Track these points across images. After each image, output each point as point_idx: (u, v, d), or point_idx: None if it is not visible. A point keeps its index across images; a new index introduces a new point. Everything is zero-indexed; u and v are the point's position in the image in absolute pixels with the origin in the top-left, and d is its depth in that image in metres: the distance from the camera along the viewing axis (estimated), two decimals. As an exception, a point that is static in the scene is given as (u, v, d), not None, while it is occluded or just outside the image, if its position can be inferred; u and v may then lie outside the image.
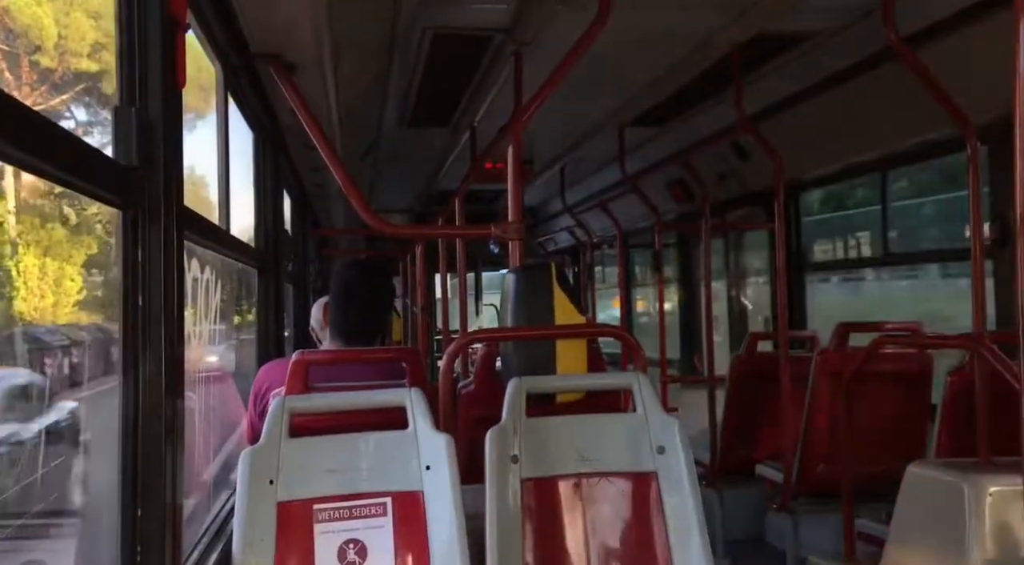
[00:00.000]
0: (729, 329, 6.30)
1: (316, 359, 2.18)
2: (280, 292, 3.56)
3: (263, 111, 3.20)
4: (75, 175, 1.15)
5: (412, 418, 1.92)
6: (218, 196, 2.68)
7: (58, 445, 1.54)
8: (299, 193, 5.26)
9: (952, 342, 2.82)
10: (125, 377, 1.37)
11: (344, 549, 1.84)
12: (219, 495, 2.50)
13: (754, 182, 5.00)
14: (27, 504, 1.48)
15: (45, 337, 1.79)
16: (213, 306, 2.50)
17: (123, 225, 1.37)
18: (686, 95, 4.38)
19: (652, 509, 1.99)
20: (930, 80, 2.69)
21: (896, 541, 2.51)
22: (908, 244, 4.49)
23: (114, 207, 1.34)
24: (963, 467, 2.38)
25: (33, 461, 1.46)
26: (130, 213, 1.36)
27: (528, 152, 5.97)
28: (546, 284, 2.25)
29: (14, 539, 1.40)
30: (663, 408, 2.05)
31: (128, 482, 1.34)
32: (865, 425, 2.99)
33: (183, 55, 1.44)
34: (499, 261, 10.69)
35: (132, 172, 1.35)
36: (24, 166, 1.06)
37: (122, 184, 1.32)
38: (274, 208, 3.52)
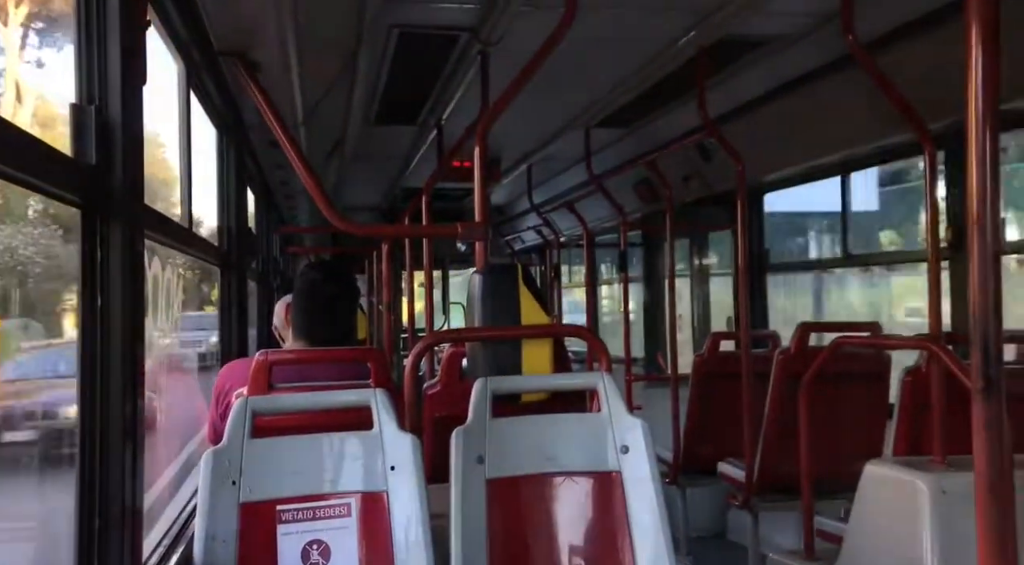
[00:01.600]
0: (693, 328, 6.37)
1: (279, 359, 2.16)
2: (243, 291, 3.53)
3: (227, 109, 3.17)
4: (33, 174, 1.14)
5: (377, 418, 1.92)
6: (181, 194, 2.65)
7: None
8: (263, 191, 5.21)
9: (908, 343, 2.88)
10: (83, 377, 1.35)
11: (308, 550, 1.83)
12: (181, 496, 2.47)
13: (718, 183, 5.06)
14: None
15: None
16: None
17: (81, 224, 1.35)
18: (651, 97, 4.41)
19: (616, 508, 2.00)
20: (888, 85, 2.74)
21: (854, 538, 2.55)
22: (868, 246, 4.57)
23: (73, 206, 1.32)
24: (919, 465, 2.43)
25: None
26: (89, 212, 1.34)
27: (495, 151, 5.97)
28: (512, 284, 2.26)
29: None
30: (628, 407, 2.07)
31: (86, 484, 1.32)
32: (824, 423, 3.04)
33: (144, 52, 1.43)
34: (466, 259, 10.69)
35: (91, 170, 1.33)
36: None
37: (81, 183, 1.30)
38: (237, 206, 3.49)
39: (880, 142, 3.70)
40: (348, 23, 2.90)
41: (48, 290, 2.54)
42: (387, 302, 5.78)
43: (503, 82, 2.80)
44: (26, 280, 2.49)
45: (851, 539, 2.56)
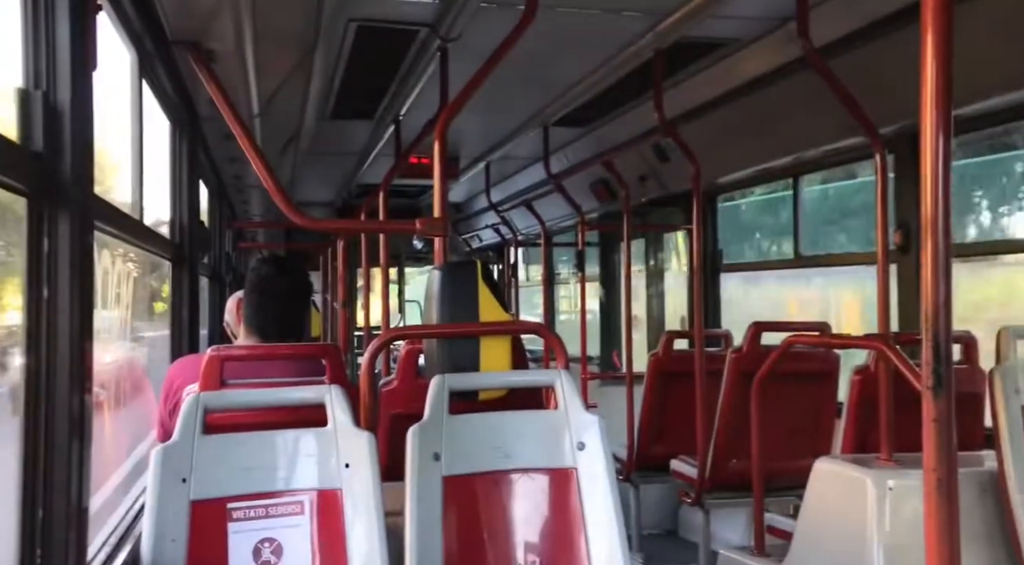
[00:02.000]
0: (648, 327, 6.43)
1: (231, 355, 2.13)
2: (194, 285, 3.46)
3: (180, 99, 3.11)
4: (-24, 160, 1.10)
5: (332, 415, 1.90)
6: (132, 185, 2.59)
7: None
8: (216, 185, 5.12)
9: (857, 342, 2.94)
10: (28, 371, 1.31)
11: (259, 548, 1.80)
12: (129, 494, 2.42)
13: (673, 184, 5.11)
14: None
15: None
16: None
17: (27, 214, 1.31)
18: (609, 97, 4.44)
19: (571, 504, 2.01)
20: (841, 90, 2.79)
21: (803, 534, 2.60)
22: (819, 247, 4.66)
23: (18, 194, 1.28)
24: (866, 462, 2.49)
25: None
26: (36, 201, 1.30)
27: (453, 148, 5.95)
28: (471, 281, 2.25)
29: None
30: (584, 405, 2.08)
31: (30, 480, 1.28)
32: (775, 421, 3.09)
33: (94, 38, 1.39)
34: (423, 257, 10.64)
35: (37, 158, 1.29)
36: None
37: (27, 170, 1.26)
38: (190, 199, 3.42)
39: (832, 145, 3.77)
40: (306, 15, 2.87)
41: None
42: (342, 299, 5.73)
43: (462, 79, 2.79)
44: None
45: (800, 535, 2.60)
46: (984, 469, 2.40)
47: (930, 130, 1.15)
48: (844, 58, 3.18)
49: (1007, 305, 4.00)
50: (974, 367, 2.92)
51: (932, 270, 1.15)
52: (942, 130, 1.16)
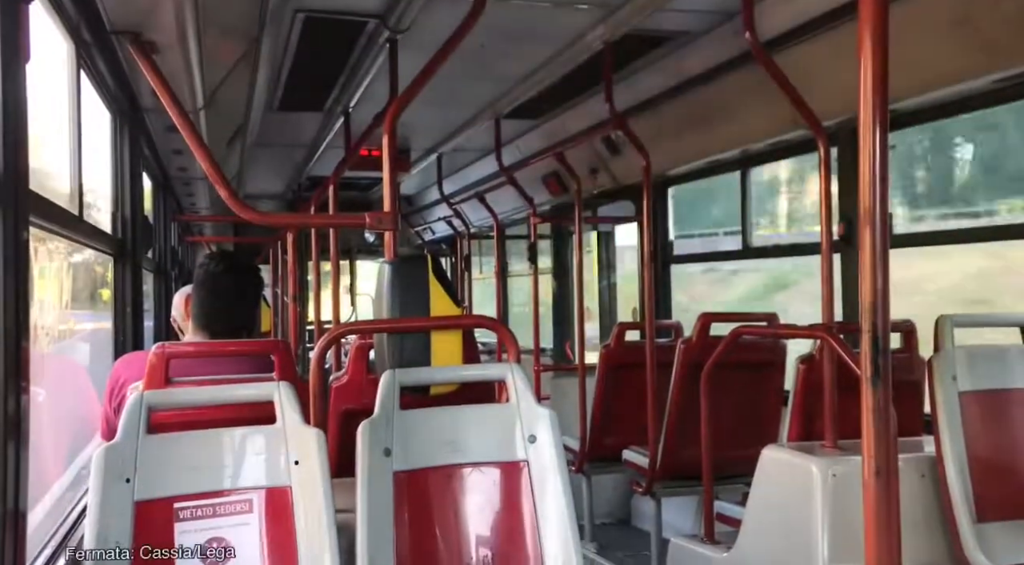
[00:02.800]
0: (600, 319, 6.48)
1: (177, 351, 2.08)
2: (138, 281, 3.39)
3: (121, 91, 3.03)
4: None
5: (281, 412, 1.87)
6: (70, 180, 2.52)
7: None
8: (161, 178, 5.01)
9: (802, 332, 3.00)
10: (-39, 372, 1.27)
11: (207, 548, 1.78)
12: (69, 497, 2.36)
13: (625, 176, 5.15)
14: None
15: None
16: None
17: (-43, 209, 1.27)
18: (561, 89, 4.45)
19: (523, 497, 2.02)
20: (785, 83, 2.84)
21: (751, 521, 2.65)
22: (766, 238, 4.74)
23: (-54, 189, 1.24)
24: (811, 450, 2.54)
25: None
26: (-34, 197, 1.26)
27: (404, 141, 5.91)
28: (422, 275, 2.24)
29: None
30: (536, 398, 2.09)
31: (-36, 486, 1.25)
32: (724, 411, 3.14)
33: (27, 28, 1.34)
34: (375, 250, 10.56)
35: (-32, 153, 1.25)
36: None
37: (-43, 166, 1.22)
38: (132, 192, 3.34)
39: (779, 138, 3.84)
40: (251, 6, 2.82)
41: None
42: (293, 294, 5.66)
43: (412, 70, 2.77)
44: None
45: (749, 522, 2.65)
46: (923, 455, 2.47)
47: (867, 123, 1.18)
48: (789, 52, 3.23)
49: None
50: (913, 354, 3.00)
51: (869, 260, 1.17)
52: (879, 124, 1.18)
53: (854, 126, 1.24)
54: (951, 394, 2.38)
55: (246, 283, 2.47)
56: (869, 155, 1.19)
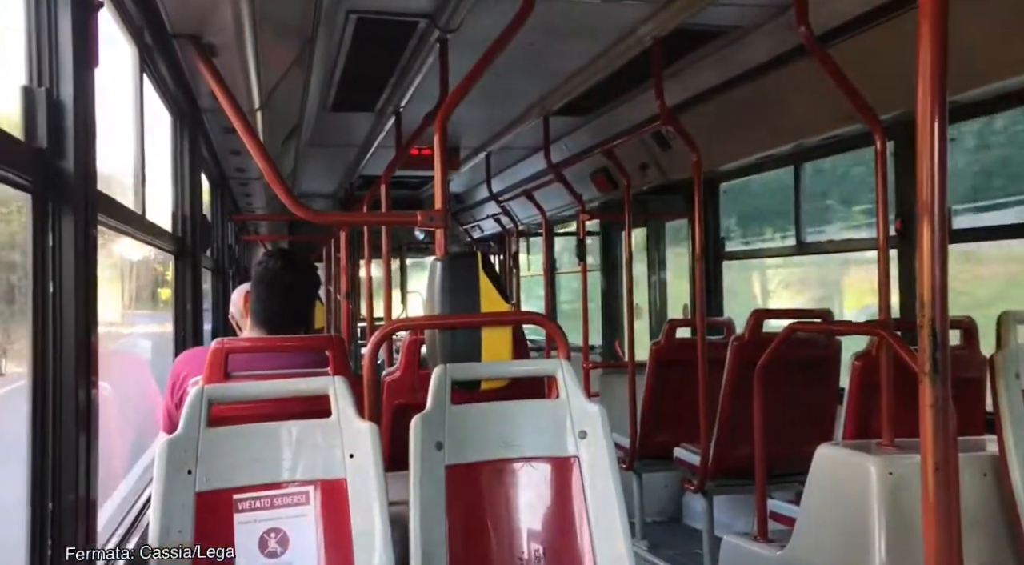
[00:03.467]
0: (650, 316, 6.44)
1: (236, 347, 2.14)
2: (197, 278, 3.48)
3: (181, 93, 3.11)
4: (-20, 157, 1.11)
5: (335, 406, 1.91)
6: (134, 180, 2.60)
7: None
8: (219, 178, 5.13)
9: (859, 329, 2.95)
10: (35, 365, 1.32)
11: (265, 538, 1.82)
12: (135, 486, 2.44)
13: (675, 172, 5.11)
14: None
15: None
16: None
17: (32, 210, 1.32)
18: (610, 86, 4.44)
19: (574, 493, 2.02)
20: (840, 77, 2.79)
21: (805, 519, 2.62)
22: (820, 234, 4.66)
23: (23, 190, 1.29)
24: (868, 447, 2.50)
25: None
26: (40, 196, 1.32)
27: (454, 139, 5.95)
28: (472, 272, 2.26)
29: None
30: (585, 394, 2.09)
31: (38, 474, 1.30)
32: (777, 408, 3.10)
33: (96, 34, 1.40)
34: (424, 248, 10.65)
35: (41, 155, 1.30)
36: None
37: (31, 167, 1.27)
38: (192, 192, 3.43)
39: (833, 132, 3.77)
40: (305, 8, 2.87)
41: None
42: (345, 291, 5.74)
43: (462, 69, 2.79)
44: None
45: (803, 521, 2.62)
46: (985, 454, 2.41)
47: (926, 117, 1.16)
48: (844, 45, 3.18)
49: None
50: (974, 352, 2.93)
51: (928, 255, 1.16)
52: (938, 117, 1.17)
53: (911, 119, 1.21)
54: (1015, 391, 2.32)
55: (303, 281, 2.52)
56: (927, 148, 1.18)
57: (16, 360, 1.48)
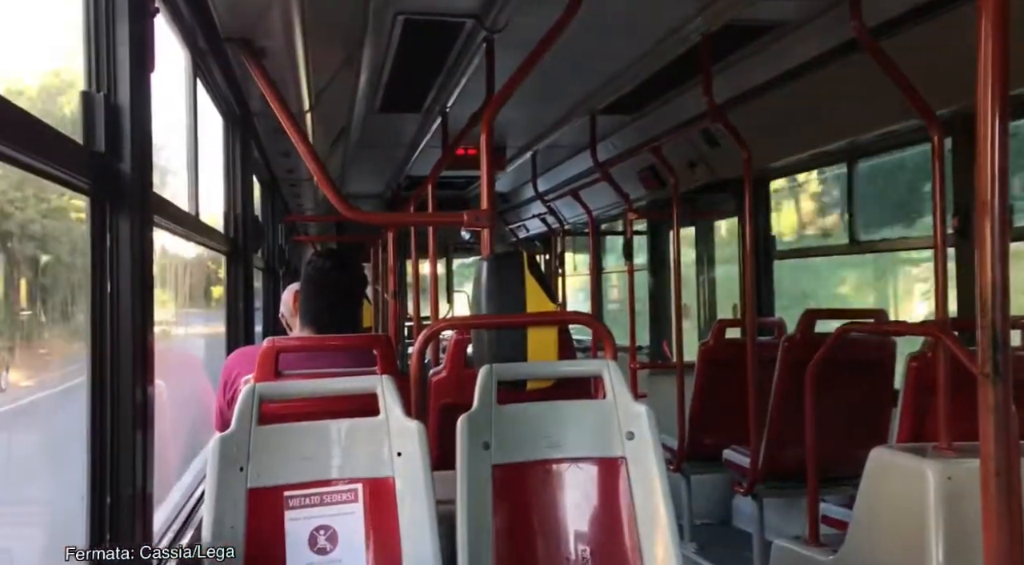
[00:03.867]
0: (698, 316, 6.37)
1: (286, 346, 2.17)
2: (249, 278, 3.54)
3: (233, 96, 3.17)
4: (43, 160, 1.14)
5: (383, 405, 1.93)
6: (187, 182, 2.65)
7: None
8: (269, 179, 5.21)
9: (914, 329, 2.88)
10: (93, 364, 1.35)
11: (315, 535, 1.84)
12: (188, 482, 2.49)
13: (724, 169, 5.05)
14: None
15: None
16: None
17: (90, 211, 1.36)
18: (657, 83, 4.40)
19: (621, 494, 2.01)
20: (895, 71, 2.72)
21: (859, 524, 2.56)
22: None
23: (82, 193, 1.33)
24: (924, 451, 2.44)
25: None
26: (98, 199, 1.35)
27: (500, 139, 5.96)
28: (518, 272, 2.26)
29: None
30: (632, 394, 2.08)
31: (97, 469, 1.33)
32: (830, 410, 3.04)
33: (152, 40, 1.43)
34: (470, 247, 10.69)
35: (100, 158, 1.33)
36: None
37: (89, 170, 1.30)
38: (243, 194, 3.50)
39: (887, 128, 3.69)
40: (353, 9, 2.90)
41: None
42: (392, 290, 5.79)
43: (508, 69, 2.79)
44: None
45: (856, 525, 2.57)
46: None
47: (986, 111, 1.13)
48: (898, 39, 3.10)
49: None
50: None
51: (987, 253, 1.12)
52: (998, 112, 1.13)
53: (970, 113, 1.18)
54: None
55: (351, 281, 2.55)
56: (987, 144, 1.14)
57: (26, 369, 1.53)
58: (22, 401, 1.55)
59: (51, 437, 1.72)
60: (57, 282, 1.70)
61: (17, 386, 1.62)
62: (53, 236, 1.67)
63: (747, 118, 4.17)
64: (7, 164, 1.10)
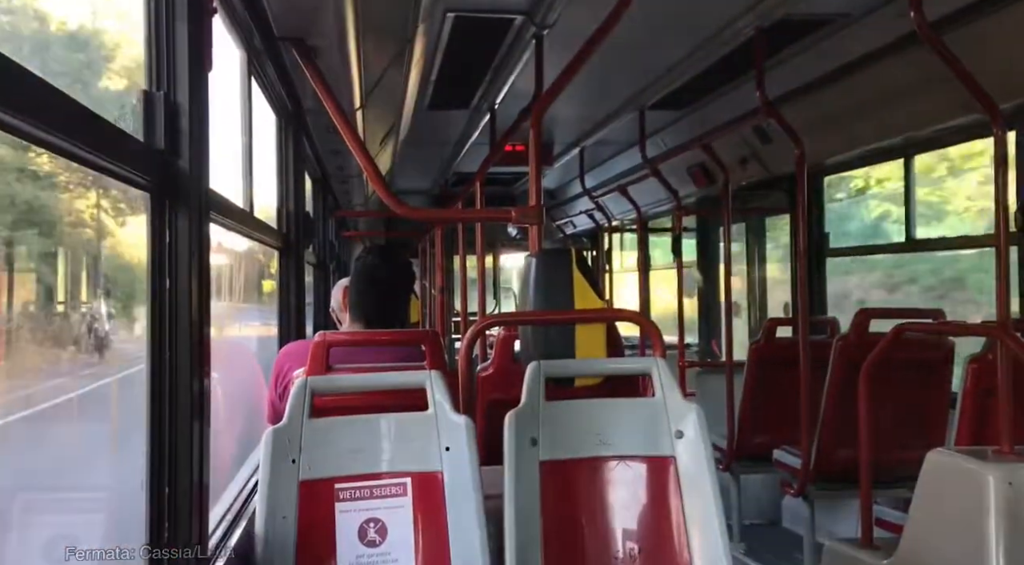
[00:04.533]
0: (748, 314, 6.29)
1: (337, 340, 2.20)
2: (301, 273, 3.59)
3: (286, 94, 3.22)
4: (105, 157, 1.17)
5: (432, 399, 1.94)
6: (242, 179, 2.70)
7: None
8: (320, 176, 5.28)
9: (974, 329, 2.80)
10: (152, 357, 1.39)
11: (365, 528, 1.87)
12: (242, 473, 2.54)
13: (776, 166, 4.97)
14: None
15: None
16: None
17: (150, 207, 1.39)
18: (708, 78, 4.35)
19: (670, 493, 2.00)
20: (957, 65, 2.65)
21: (915, 527, 2.51)
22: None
23: (142, 189, 1.36)
24: (984, 455, 2.37)
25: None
26: (158, 195, 1.38)
27: (548, 135, 5.95)
28: (566, 268, 2.26)
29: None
30: (681, 393, 2.06)
31: (155, 460, 1.37)
32: (884, 411, 2.98)
33: (210, 40, 1.46)
34: (518, 243, 10.70)
35: (160, 155, 1.37)
36: (55, 149, 1.07)
37: (150, 167, 1.34)
38: (296, 190, 3.55)
39: (946, 124, 3.59)
40: (404, 9, 2.92)
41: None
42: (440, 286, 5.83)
43: (557, 65, 2.79)
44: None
45: (912, 529, 2.51)
46: None
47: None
48: (958, 32, 3.02)
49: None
50: (1106, 356, 2.74)
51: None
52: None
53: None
54: None
55: (400, 276, 2.57)
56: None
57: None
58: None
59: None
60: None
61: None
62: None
63: (800, 113, 4.10)
64: (71, 160, 1.14)
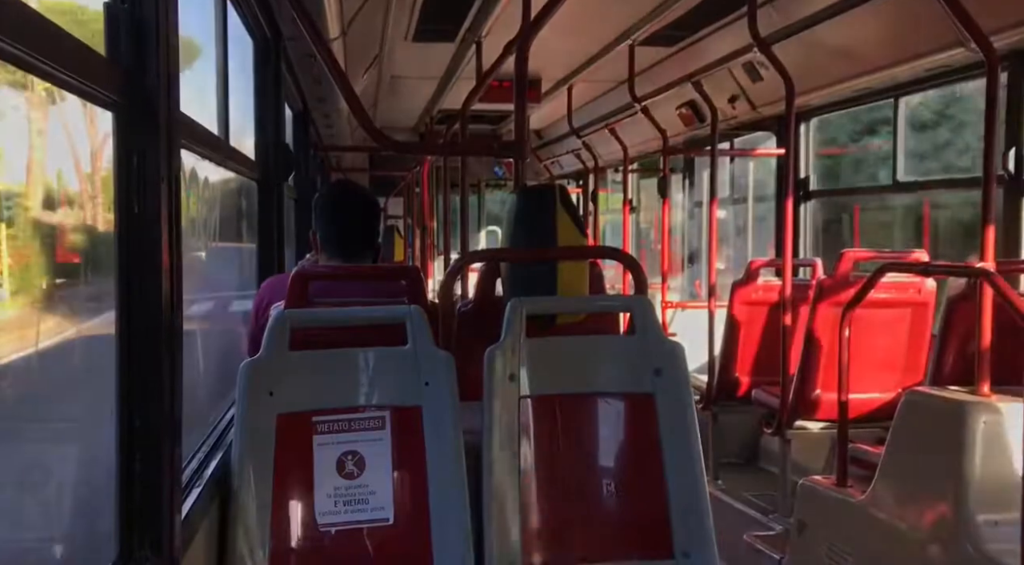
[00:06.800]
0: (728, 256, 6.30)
1: (316, 273, 2.16)
2: (281, 207, 3.53)
3: (264, 19, 3.11)
4: (67, 72, 1.11)
5: (412, 335, 1.92)
6: (217, 105, 2.62)
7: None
8: (301, 109, 5.17)
9: (960, 270, 2.80)
10: (121, 285, 1.35)
11: (343, 460, 1.86)
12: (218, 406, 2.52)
13: (765, 105, 4.91)
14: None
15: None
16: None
17: (116, 128, 1.34)
18: (699, 14, 4.26)
19: (648, 430, 2.00)
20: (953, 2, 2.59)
21: (889, 465, 2.54)
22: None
23: (104, 107, 1.30)
24: (960, 394, 2.39)
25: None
26: (124, 116, 1.32)
27: (535, 72, 5.85)
28: (550, 205, 2.21)
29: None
30: (663, 332, 2.05)
31: (125, 391, 1.34)
32: (864, 352, 3.00)
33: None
34: (502, 185, 10.63)
35: (124, 71, 1.30)
36: (12, 60, 1.02)
37: (115, 84, 1.27)
38: (275, 121, 3.45)
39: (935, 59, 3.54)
40: (385, -70, 2.81)
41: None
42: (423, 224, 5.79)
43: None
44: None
45: (886, 466, 2.54)
46: None
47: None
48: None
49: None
50: (1086, 300, 2.75)
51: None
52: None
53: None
54: None
55: (358, 202, 2.47)
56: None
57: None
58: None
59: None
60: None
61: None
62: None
63: (791, 54, 4.02)
64: (29, 73, 1.08)
